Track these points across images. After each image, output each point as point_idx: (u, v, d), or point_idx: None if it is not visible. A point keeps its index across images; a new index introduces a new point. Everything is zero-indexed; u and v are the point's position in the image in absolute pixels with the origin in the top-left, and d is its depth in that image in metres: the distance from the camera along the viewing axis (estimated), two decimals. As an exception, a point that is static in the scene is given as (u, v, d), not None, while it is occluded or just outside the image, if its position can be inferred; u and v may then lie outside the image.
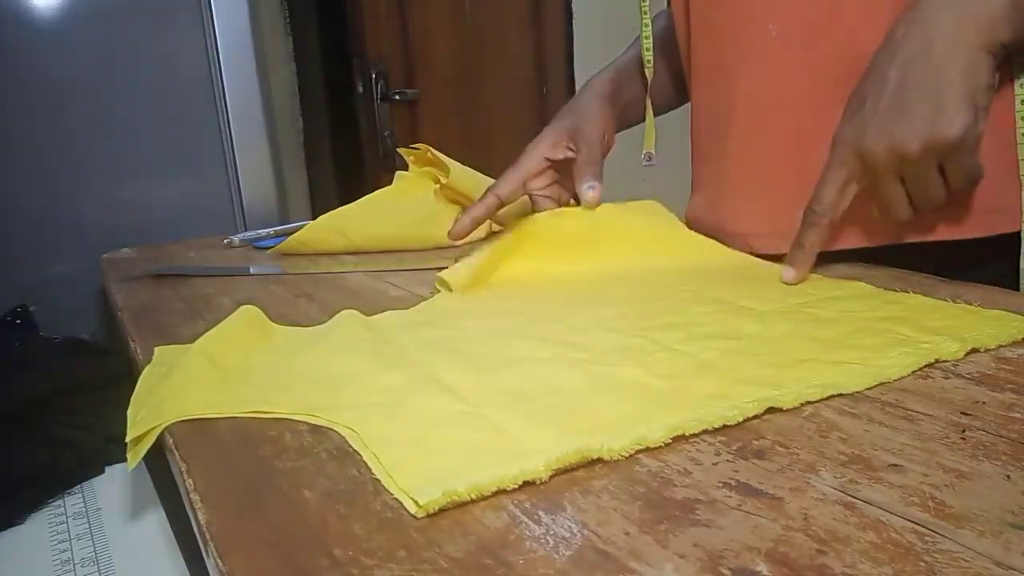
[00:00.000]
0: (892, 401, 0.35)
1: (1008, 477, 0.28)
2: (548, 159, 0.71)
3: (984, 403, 0.35)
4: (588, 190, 0.65)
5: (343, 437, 0.35)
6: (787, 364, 0.39)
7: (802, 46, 0.59)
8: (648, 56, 0.73)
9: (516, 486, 0.29)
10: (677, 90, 0.80)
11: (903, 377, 0.38)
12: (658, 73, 0.77)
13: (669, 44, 0.75)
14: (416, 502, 0.28)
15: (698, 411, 0.34)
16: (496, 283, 0.62)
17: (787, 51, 0.60)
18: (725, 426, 0.34)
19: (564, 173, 0.71)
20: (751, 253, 0.63)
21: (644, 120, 0.78)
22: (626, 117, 0.78)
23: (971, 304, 0.47)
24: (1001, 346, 0.41)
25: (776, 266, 0.59)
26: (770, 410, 0.35)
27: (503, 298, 0.57)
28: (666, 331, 0.46)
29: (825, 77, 0.58)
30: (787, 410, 0.35)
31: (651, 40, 0.74)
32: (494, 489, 0.29)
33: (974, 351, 0.41)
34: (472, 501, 0.29)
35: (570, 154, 0.70)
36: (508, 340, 0.47)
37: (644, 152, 0.74)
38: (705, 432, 0.33)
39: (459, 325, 0.50)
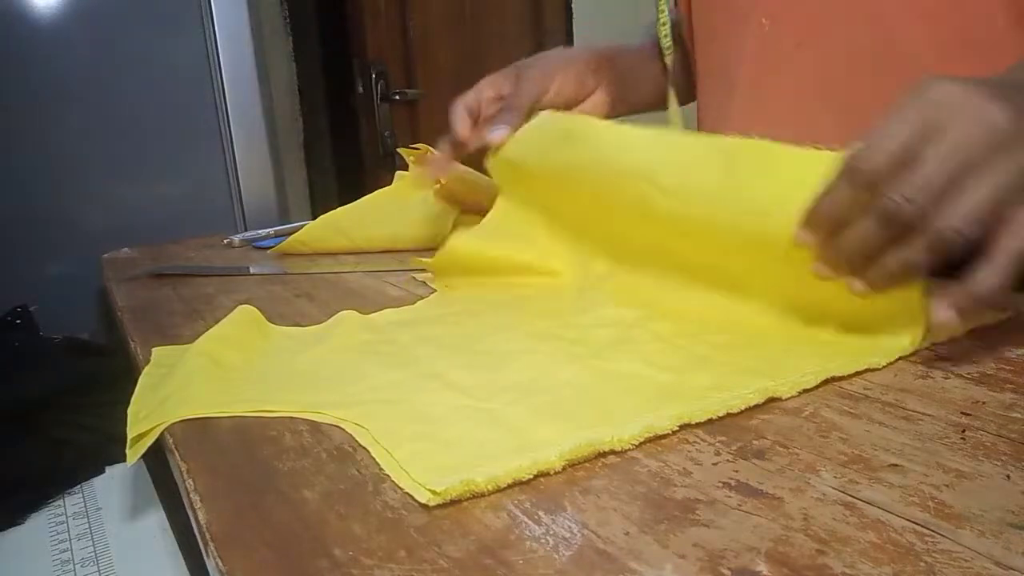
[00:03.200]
0: (892, 401, 0.35)
1: (1008, 477, 0.28)
2: (492, 95, 0.64)
3: (984, 403, 0.35)
4: (492, 132, 0.58)
5: (343, 437, 0.35)
6: (778, 356, 0.40)
7: (793, 43, 0.59)
8: (667, 43, 0.72)
9: (531, 477, 0.30)
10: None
11: (891, 363, 0.39)
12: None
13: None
14: (434, 491, 0.28)
15: (701, 402, 0.35)
16: (490, 281, 0.60)
17: (779, 47, 0.60)
18: (726, 422, 0.34)
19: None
20: None
21: (648, 106, 0.76)
22: (625, 91, 0.71)
23: None
24: (1000, 346, 0.41)
25: None
26: (770, 410, 0.35)
27: (497, 295, 0.57)
28: (660, 322, 0.47)
29: (815, 75, 0.58)
30: (787, 410, 0.35)
31: (668, 26, 0.71)
32: (510, 481, 0.29)
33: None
34: (477, 496, 0.29)
35: (506, 90, 0.63)
36: (507, 337, 0.47)
37: None
38: (706, 431, 0.33)
39: (457, 323, 0.50)
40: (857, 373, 0.38)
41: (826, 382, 0.37)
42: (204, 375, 0.42)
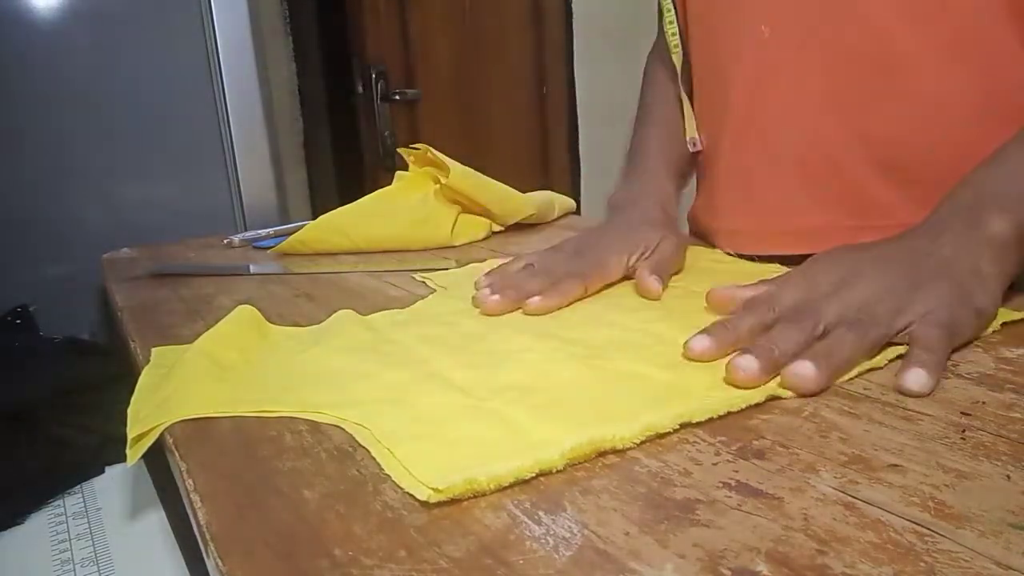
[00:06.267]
0: (892, 401, 0.35)
1: (1008, 477, 0.28)
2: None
3: (984, 403, 0.35)
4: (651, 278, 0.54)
5: (343, 437, 0.35)
6: None
7: (794, 48, 0.59)
8: (675, 40, 0.72)
9: (533, 475, 0.30)
10: None
11: (891, 362, 0.39)
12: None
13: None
14: (436, 488, 0.28)
15: (702, 401, 0.35)
16: None
17: (780, 53, 0.60)
18: (726, 422, 0.34)
19: None
20: (736, 253, 0.63)
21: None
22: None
23: None
24: (1000, 346, 0.41)
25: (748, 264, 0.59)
26: (770, 410, 0.35)
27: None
28: (659, 323, 0.47)
29: (816, 80, 0.58)
30: (787, 410, 0.35)
31: (676, 24, 0.71)
32: (512, 479, 0.29)
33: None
34: (477, 496, 0.29)
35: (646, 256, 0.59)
36: (506, 336, 0.47)
37: (688, 138, 0.71)
38: (706, 431, 0.33)
39: (457, 323, 0.50)
40: (859, 373, 0.38)
41: None
42: (204, 375, 0.42)
